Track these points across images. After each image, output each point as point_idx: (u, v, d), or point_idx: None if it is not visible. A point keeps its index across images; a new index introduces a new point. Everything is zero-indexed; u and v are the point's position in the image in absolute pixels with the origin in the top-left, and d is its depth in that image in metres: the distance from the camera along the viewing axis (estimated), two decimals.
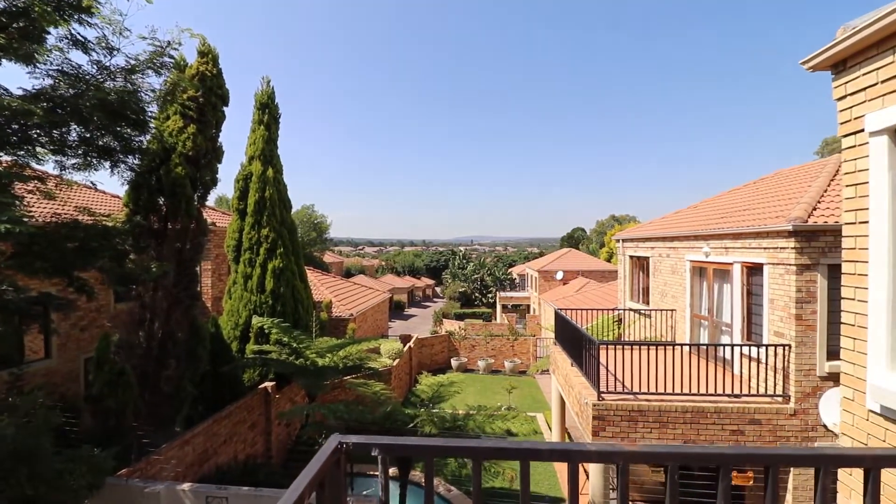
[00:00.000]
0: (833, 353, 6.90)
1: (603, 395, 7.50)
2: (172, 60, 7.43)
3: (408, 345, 19.94)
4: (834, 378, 6.86)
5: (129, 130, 7.66)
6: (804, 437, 6.99)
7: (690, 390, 7.42)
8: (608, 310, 14.39)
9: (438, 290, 73.91)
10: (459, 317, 42.74)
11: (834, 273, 6.84)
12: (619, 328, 13.44)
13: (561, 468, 10.96)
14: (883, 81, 2.68)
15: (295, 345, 10.47)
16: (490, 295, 52.33)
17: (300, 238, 39.58)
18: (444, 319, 38.17)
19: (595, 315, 13.43)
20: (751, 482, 6.83)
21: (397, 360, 17.12)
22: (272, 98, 13.82)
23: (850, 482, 2.96)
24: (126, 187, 9.15)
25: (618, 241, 14.28)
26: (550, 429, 12.79)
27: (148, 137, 8.54)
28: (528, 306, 40.63)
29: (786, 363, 7.15)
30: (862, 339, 2.88)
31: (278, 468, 10.87)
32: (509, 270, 57.42)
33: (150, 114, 7.70)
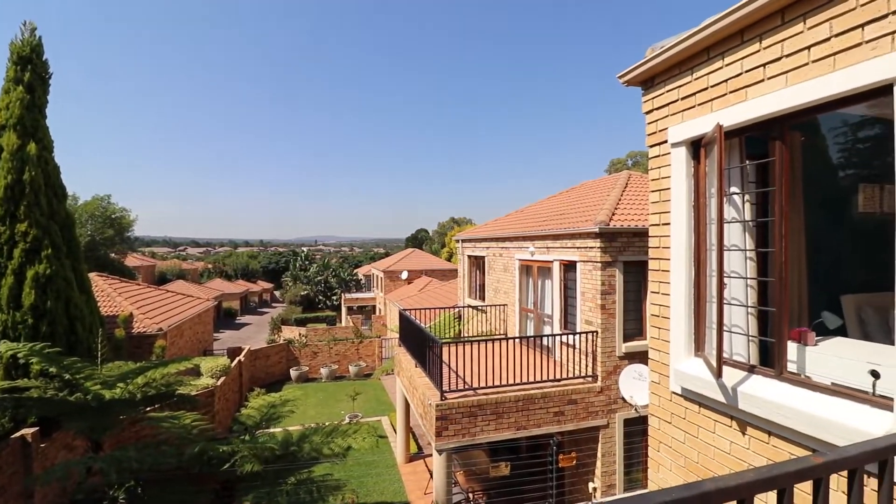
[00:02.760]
0: (628, 336, 8.22)
1: (446, 394, 7.54)
2: None
3: (237, 359, 17.54)
4: (629, 357, 8.16)
5: None
6: (609, 409, 8.15)
7: (521, 380, 7.98)
8: (449, 308, 14.93)
9: (278, 294, 68.15)
10: (301, 322, 39.95)
11: (628, 269, 8.13)
12: (459, 324, 14.02)
13: (407, 475, 10.82)
14: (683, 98, 3.00)
15: (68, 376, 7.99)
16: (335, 297, 50.39)
17: (89, 236, 31.51)
18: (282, 326, 35.12)
19: (437, 313, 13.77)
20: (573, 462, 7.65)
21: (222, 380, 14.83)
22: (38, 52, 10.48)
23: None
24: None
25: (458, 241, 14.93)
26: (395, 431, 12.61)
27: None
28: (374, 307, 40.32)
29: (594, 347, 8.24)
30: (665, 329, 3.22)
31: None
32: (355, 271, 56.23)
33: None
